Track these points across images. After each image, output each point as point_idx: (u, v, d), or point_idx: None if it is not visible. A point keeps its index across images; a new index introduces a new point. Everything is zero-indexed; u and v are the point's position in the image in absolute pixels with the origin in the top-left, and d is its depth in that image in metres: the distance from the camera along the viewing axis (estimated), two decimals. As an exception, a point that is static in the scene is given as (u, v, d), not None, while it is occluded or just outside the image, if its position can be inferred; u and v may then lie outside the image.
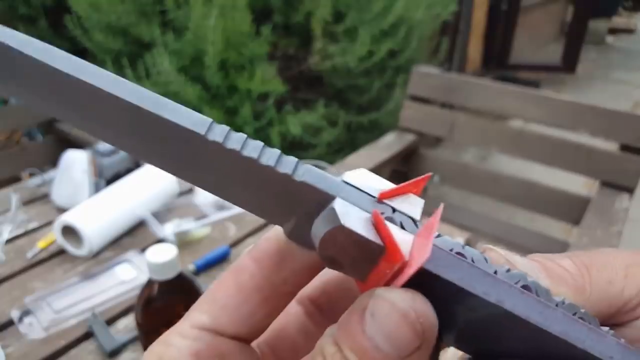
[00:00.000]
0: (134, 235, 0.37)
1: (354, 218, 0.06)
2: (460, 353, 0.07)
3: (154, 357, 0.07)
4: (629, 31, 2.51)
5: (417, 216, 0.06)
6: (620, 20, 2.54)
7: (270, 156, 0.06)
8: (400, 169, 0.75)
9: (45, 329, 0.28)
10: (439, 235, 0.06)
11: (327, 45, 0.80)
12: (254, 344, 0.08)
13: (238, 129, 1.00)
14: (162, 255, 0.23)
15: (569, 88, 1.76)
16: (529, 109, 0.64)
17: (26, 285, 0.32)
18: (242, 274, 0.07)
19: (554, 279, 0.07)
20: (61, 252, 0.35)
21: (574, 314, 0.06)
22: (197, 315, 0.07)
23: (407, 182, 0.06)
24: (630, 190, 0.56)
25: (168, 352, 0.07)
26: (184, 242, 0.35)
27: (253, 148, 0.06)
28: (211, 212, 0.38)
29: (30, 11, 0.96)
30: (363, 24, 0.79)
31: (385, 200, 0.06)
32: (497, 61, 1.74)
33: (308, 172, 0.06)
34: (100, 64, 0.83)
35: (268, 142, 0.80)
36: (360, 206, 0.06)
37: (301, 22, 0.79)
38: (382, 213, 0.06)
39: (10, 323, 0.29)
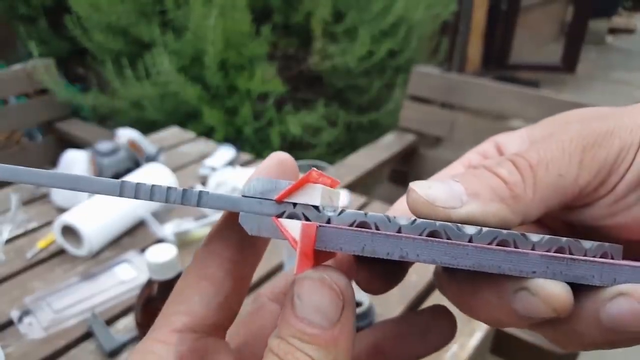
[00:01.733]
0: (134, 235, 0.37)
1: (260, 225, 0.07)
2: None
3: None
4: (629, 31, 2.51)
5: (317, 202, 0.07)
6: (620, 20, 2.54)
7: (176, 195, 0.07)
8: (400, 168, 0.75)
9: (45, 329, 0.28)
10: (342, 211, 0.07)
11: (327, 45, 0.80)
12: (233, 347, 0.08)
13: (238, 129, 1.01)
14: (162, 255, 0.23)
15: (569, 88, 1.76)
16: (528, 109, 0.64)
17: (26, 285, 0.32)
18: (206, 267, 0.07)
19: (484, 197, 0.07)
20: (61, 252, 0.35)
21: (494, 239, 0.06)
22: (174, 318, 0.07)
23: (301, 177, 0.07)
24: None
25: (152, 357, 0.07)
26: (183, 242, 0.36)
27: (159, 193, 0.07)
28: (211, 212, 0.38)
29: (30, 11, 0.96)
30: (363, 24, 0.79)
31: (285, 200, 0.07)
32: (497, 61, 1.75)
33: (210, 198, 0.07)
34: (101, 64, 0.83)
35: (268, 142, 0.80)
36: (263, 213, 0.07)
37: (301, 22, 0.80)
38: (284, 212, 0.07)
39: (10, 323, 0.29)
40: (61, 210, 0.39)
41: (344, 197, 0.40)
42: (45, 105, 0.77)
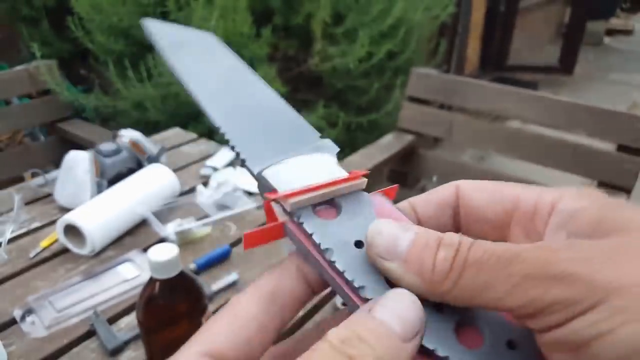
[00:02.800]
0: (136, 235, 0.37)
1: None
2: None
3: None
4: (626, 32, 2.52)
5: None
6: (617, 21, 2.55)
7: None
8: (399, 169, 0.76)
9: (48, 327, 0.28)
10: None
11: (327, 47, 0.81)
12: None
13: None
14: (164, 254, 0.23)
15: (567, 89, 1.77)
16: (526, 109, 0.64)
17: (29, 284, 0.32)
18: (238, 307, 0.08)
19: (411, 266, 0.07)
20: (63, 251, 0.35)
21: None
22: (196, 343, 0.08)
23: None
24: (627, 191, 0.57)
25: None
26: (185, 241, 0.36)
27: None
28: (212, 211, 0.39)
29: (33, 12, 0.96)
30: (362, 25, 0.80)
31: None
32: (495, 62, 1.75)
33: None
34: (103, 65, 0.83)
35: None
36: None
37: (301, 24, 0.80)
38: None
39: (12, 322, 0.29)
40: (64, 209, 0.39)
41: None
42: (47, 106, 0.77)
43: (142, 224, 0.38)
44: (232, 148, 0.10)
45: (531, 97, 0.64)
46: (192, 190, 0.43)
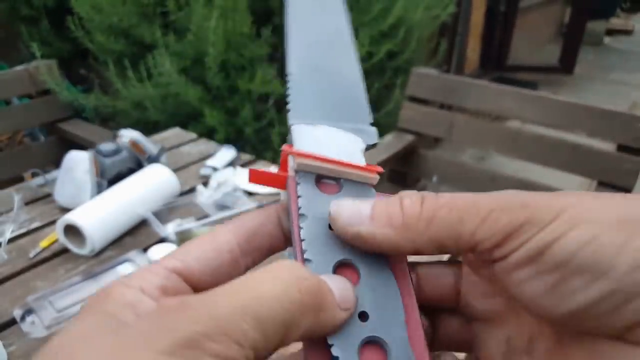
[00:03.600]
0: (136, 235, 0.37)
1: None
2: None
3: (121, 282, 0.07)
4: (626, 32, 2.52)
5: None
6: (617, 21, 2.55)
7: None
8: (399, 169, 0.76)
9: (48, 327, 0.28)
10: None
11: (327, 47, 0.81)
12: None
13: (239, 129, 1.01)
14: (164, 254, 0.23)
15: (567, 89, 1.77)
16: (526, 109, 0.64)
17: (28, 284, 0.32)
18: (217, 235, 0.08)
19: (379, 221, 0.08)
20: (63, 251, 0.35)
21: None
22: (167, 260, 0.08)
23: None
24: (627, 190, 0.56)
25: (135, 281, 0.07)
26: (185, 241, 0.36)
27: None
28: (212, 211, 0.39)
29: (32, 12, 0.96)
30: (362, 25, 0.79)
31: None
32: (495, 62, 1.75)
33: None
34: (102, 65, 0.83)
35: (269, 143, 0.80)
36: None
37: (301, 24, 0.80)
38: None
39: (12, 322, 0.29)
40: (64, 210, 0.39)
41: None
42: (47, 106, 0.77)
43: (142, 224, 0.38)
44: (286, 97, 0.10)
45: (531, 97, 0.64)
46: (192, 190, 0.43)
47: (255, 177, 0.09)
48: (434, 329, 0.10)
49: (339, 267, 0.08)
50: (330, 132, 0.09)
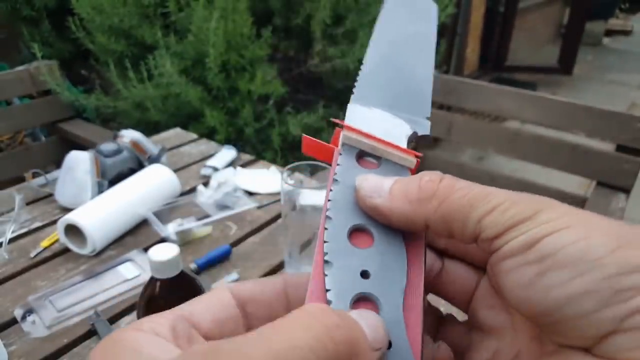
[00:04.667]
0: (137, 235, 0.37)
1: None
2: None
3: (130, 328, 0.07)
4: (625, 33, 2.53)
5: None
6: (616, 22, 2.56)
7: None
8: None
9: (48, 327, 0.28)
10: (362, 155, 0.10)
11: (327, 48, 0.81)
12: None
13: (239, 130, 1.01)
14: (164, 254, 0.23)
15: (566, 89, 1.77)
16: (525, 110, 0.64)
17: (29, 283, 0.32)
18: (221, 293, 0.09)
19: (396, 195, 0.08)
20: (64, 251, 0.35)
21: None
22: (177, 310, 0.08)
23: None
24: (626, 190, 0.57)
25: (146, 325, 0.07)
26: (185, 241, 0.36)
27: None
28: (213, 211, 0.39)
29: (33, 13, 0.96)
30: (362, 26, 0.80)
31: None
32: (494, 63, 1.75)
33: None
34: (103, 65, 0.83)
35: (269, 143, 0.81)
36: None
37: (301, 25, 0.80)
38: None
39: (13, 321, 0.29)
40: (65, 209, 0.39)
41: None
42: (48, 106, 0.77)
43: (143, 223, 0.38)
44: (354, 82, 0.11)
45: (530, 97, 0.64)
46: (192, 190, 0.43)
47: (307, 145, 0.10)
48: (436, 328, 0.10)
49: (355, 232, 0.08)
50: (381, 115, 0.10)
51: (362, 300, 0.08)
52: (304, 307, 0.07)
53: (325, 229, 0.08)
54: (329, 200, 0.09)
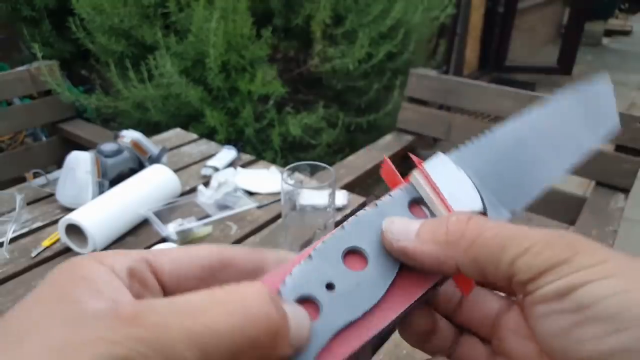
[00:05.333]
0: (138, 234, 0.37)
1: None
2: None
3: (94, 257, 0.07)
4: (624, 33, 2.53)
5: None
6: (616, 22, 2.56)
7: None
8: (398, 169, 0.76)
9: (50, 326, 0.28)
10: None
11: (327, 48, 0.81)
12: None
13: (239, 130, 1.01)
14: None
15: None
16: (524, 110, 0.64)
17: (30, 283, 0.32)
18: (196, 251, 0.09)
19: (423, 238, 0.08)
20: (65, 250, 0.35)
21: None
22: (144, 252, 0.08)
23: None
24: (625, 190, 0.57)
25: (108, 259, 0.07)
26: (186, 240, 0.36)
27: None
28: (213, 211, 0.39)
29: (34, 13, 0.96)
30: (362, 27, 0.80)
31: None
32: (494, 63, 1.75)
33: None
34: (104, 65, 0.83)
35: (269, 143, 0.81)
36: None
37: (301, 25, 0.80)
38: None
39: (15, 320, 0.29)
40: (65, 209, 0.39)
41: (342, 197, 0.41)
42: (49, 106, 0.77)
43: (144, 223, 0.38)
44: (471, 139, 0.11)
45: (529, 97, 0.64)
46: (193, 190, 0.43)
47: (385, 170, 0.11)
48: (455, 343, 0.10)
49: (353, 253, 0.09)
50: (463, 180, 0.10)
51: (310, 301, 0.08)
52: (243, 286, 0.07)
53: (332, 233, 0.09)
54: (354, 215, 0.09)
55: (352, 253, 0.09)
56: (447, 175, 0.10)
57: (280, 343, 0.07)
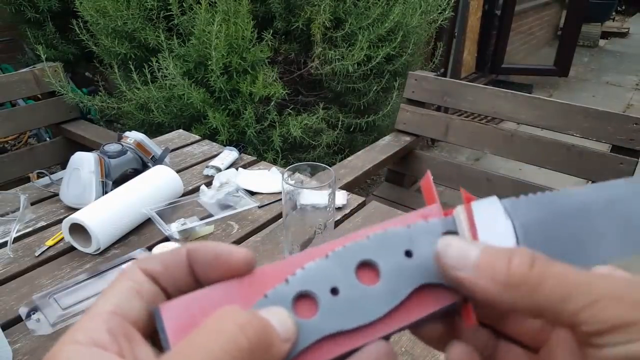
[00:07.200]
0: (141, 233, 0.38)
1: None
2: None
3: (69, 340, 0.07)
4: (621, 35, 2.54)
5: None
6: (612, 24, 2.58)
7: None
8: (397, 169, 0.77)
9: (53, 325, 0.28)
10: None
11: (327, 50, 0.81)
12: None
13: (241, 131, 1.02)
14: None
15: (562, 91, 1.78)
16: (521, 111, 0.65)
17: (34, 282, 0.32)
18: (180, 254, 0.09)
19: (482, 272, 0.08)
20: (69, 249, 0.36)
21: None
22: (102, 304, 0.08)
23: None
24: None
25: (81, 335, 0.07)
26: (188, 239, 0.36)
27: None
28: (215, 211, 0.39)
29: (37, 15, 0.97)
30: (361, 29, 0.80)
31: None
32: (491, 65, 1.75)
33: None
34: (107, 67, 0.84)
35: (270, 144, 0.81)
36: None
37: (301, 28, 0.80)
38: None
39: (18, 319, 0.29)
40: (69, 209, 0.40)
41: (342, 197, 0.41)
42: (53, 107, 0.77)
43: (147, 223, 0.38)
44: (529, 195, 0.10)
45: (525, 98, 0.64)
46: (195, 190, 0.44)
47: (425, 185, 0.10)
48: (495, 349, 0.09)
49: (367, 266, 0.09)
50: (504, 228, 0.09)
51: (311, 298, 0.08)
52: (216, 313, 0.07)
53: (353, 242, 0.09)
54: (382, 229, 0.09)
55: (367, 266, 0.09)
56: (491, 221, 0.09)
57: (274, 341, 0.07)
